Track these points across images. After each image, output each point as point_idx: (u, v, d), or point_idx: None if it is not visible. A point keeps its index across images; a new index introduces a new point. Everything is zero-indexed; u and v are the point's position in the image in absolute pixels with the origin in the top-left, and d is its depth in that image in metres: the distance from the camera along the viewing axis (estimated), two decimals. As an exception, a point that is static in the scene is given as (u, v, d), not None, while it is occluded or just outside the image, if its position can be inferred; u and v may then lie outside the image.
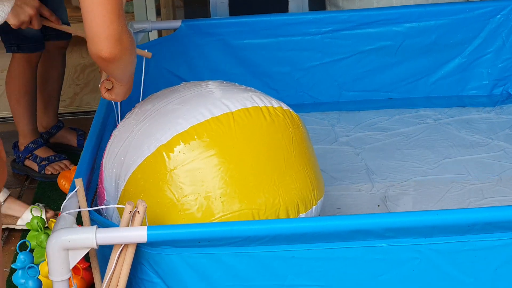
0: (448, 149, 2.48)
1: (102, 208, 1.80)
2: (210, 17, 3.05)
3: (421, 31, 2.74)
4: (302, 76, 2.80)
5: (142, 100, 1.96)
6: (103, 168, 1.80)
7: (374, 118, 2.72)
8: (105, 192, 1.79)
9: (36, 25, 2.17)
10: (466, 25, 2.74)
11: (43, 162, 2.66)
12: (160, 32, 3.12)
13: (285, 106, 1.82)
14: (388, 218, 1.54)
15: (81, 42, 3.76)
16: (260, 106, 1.77)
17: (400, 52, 2.77)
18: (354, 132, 2.63)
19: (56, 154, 2.70)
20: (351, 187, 2.29)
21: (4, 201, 2.36)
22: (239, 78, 2.71)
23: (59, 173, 2.61)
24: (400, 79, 2.81)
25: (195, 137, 1.69)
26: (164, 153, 1.68)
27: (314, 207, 1.78)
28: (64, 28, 2.31)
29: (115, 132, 1.83)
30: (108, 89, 1.77)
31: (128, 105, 2.38)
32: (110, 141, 1.82)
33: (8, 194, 2.38)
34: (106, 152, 1.81)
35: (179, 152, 1.68)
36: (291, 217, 1.71)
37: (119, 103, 2.03)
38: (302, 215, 1.74)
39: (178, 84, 2.64)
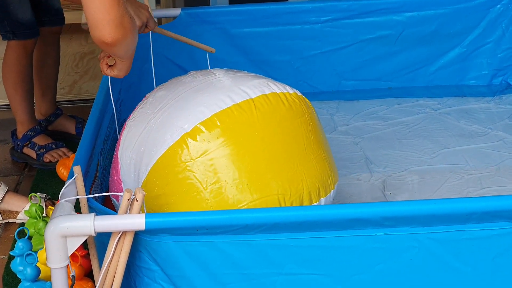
0: (447, 138, 2.48)
1: (117, 201, 1.80)
2: (209, 5, 3.05)
3: (421, 20, 2.73)
4: (302, 65, 2.80)
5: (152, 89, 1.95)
6: (118, 160, 1.79)
7: (373, 107, 2.72)
8: (122, 184, 1.78)
9: (152, 25, 2.13)
10: (466, 15, 2.74)
11: (41, 150, 2.65)
12: (159, 20, 3.11)
13: (298, 92, 1.84)
14: (386, 207, 1.54)
15: (80, 30, 3.76)
16: (278, 92, 1.78)
17: (400, 42, 2.76)
18: (353, 121, 2.63)
19: (54, 142, 2.69)
20: (350, 176, 2.29)
21: (3, 198, 2.35)
22: (239, 67, 2.70)
23: (58, 160, 2.61)
24: (399, 68, 2.81)
25: (219, 124, 1.69)
26: (188, 142, 1.68)
27: (332, 191, 1.81)
28: (173, 36, 2.29)
29: (129, 123, 1.82)
30: (110, 66, 1.78)
31: (127, 93, 2.38)
32: (125, 132, 1.81)
33: (6, 189, 2.37)
34: (121, 143, 1.80)
35: (204, 140, 1.68)
36: (313, 201, 1.74)
37: (112, 90, 2.04)
38: (323, 199, 1.76)
39: (178, 72, 2.64)
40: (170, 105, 1.76)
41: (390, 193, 2.19)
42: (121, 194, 1.52)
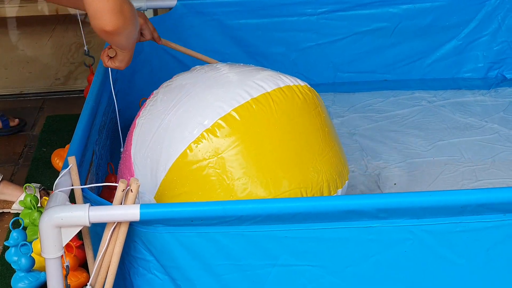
0: (442, 131, 2.48)
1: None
2: (205, -4, 3.04)
3: (417, 13, 2.73)
4: (297, 57, 2.79)
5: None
6: (132, 160, 1.77)
7: (369, 99, 2.72)
8: None
9: (147, 35, 2.09)
10: (462, 7, 2.74)
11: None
12: (155, 10, 3.10)
13: (308, 84, 1.84)
14: (381, 199, 1.54)
15: (76, 20, 3.75)
16: (291, 85, 1.78)
17: (396, 34, 2.76)
18: (348, 114, 2.63)
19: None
20: (345, 168, 2.29)
21: None
22: (234, 58, 2.70)
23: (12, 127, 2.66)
24: (395, 61, 2.81)
25: (238, 119, 1.68)
26: (209, 138, 1.67)
27: (347, 182, 1.81)
28: (178, 48, 2.26)
29: (140, 121, 1.79)
30: (111, 57, 1.77)
31: (122, 83, 2.37)
32: (136, 130, 1.78)
33: (1, 179, 2.36)
34: (133, 142, 1.78)
35: (225, 135, 1.67)
36: (332, 193, 1.74)
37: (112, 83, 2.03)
38: (339, 190, 1.77)
39: (173, 63, 2.63)
40: (184, 102, 1.74)
41: (385, 185, 2.19)
42: (116, 184, 1.52)
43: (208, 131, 1.68)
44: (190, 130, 1.69)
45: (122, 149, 2.05)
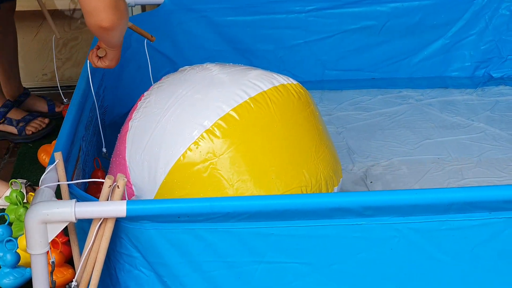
0: (429, 129, 2.49)
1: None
2: (194, -7, 3.03)
3: (405, 11, 2.74)
4: (286, 54, 2.80)
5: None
6: (127, 164, 1.75)
7: (356, 97, 2.72)
8: (133, 187, 1.75)
9: None
10: (450, 7, 2.75)
11: (21, 124, 2.66)
12: (143, 7, 3.09)
13: (299, 83, 1.84)
14: (367, 196, 1.54)
15: (63, 16, 3.74)
16: (285, 83, 1.78)
17: (384, 32, 2.77)
18: (336, 111, 2.63)
19: (29, 113, 2.70)
20: (332, 166, 2.29)
21: None
22: (223, 55, 2.70)
23: (39, 131, 2.61)
24: (383, 59, 2.81)
25: (238, 119, 1.68)
26: (210, 138, 1.67)
27: (341, 179, 1.81)
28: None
29: (133, 124, 1.77)
30: (100, 57, 1.78)
31: (109, 79, 2.36)
32: (130, 133, 1.77)
33: None
34: (127, 146, 1.76)
35: (226, 136, 1.66)
36: (330, 191, 1.75)
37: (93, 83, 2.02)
38: (336, 188, 1.78)
39: (160, 59, 2.62)
40: (180, 103, 1.73)
41: (371, 182, 2.20)
42: (104, 181, 1.52)
43: (208, 132, 1.67)
44: (189, 131, 1.68)
45: (102, 147, 2.05)
